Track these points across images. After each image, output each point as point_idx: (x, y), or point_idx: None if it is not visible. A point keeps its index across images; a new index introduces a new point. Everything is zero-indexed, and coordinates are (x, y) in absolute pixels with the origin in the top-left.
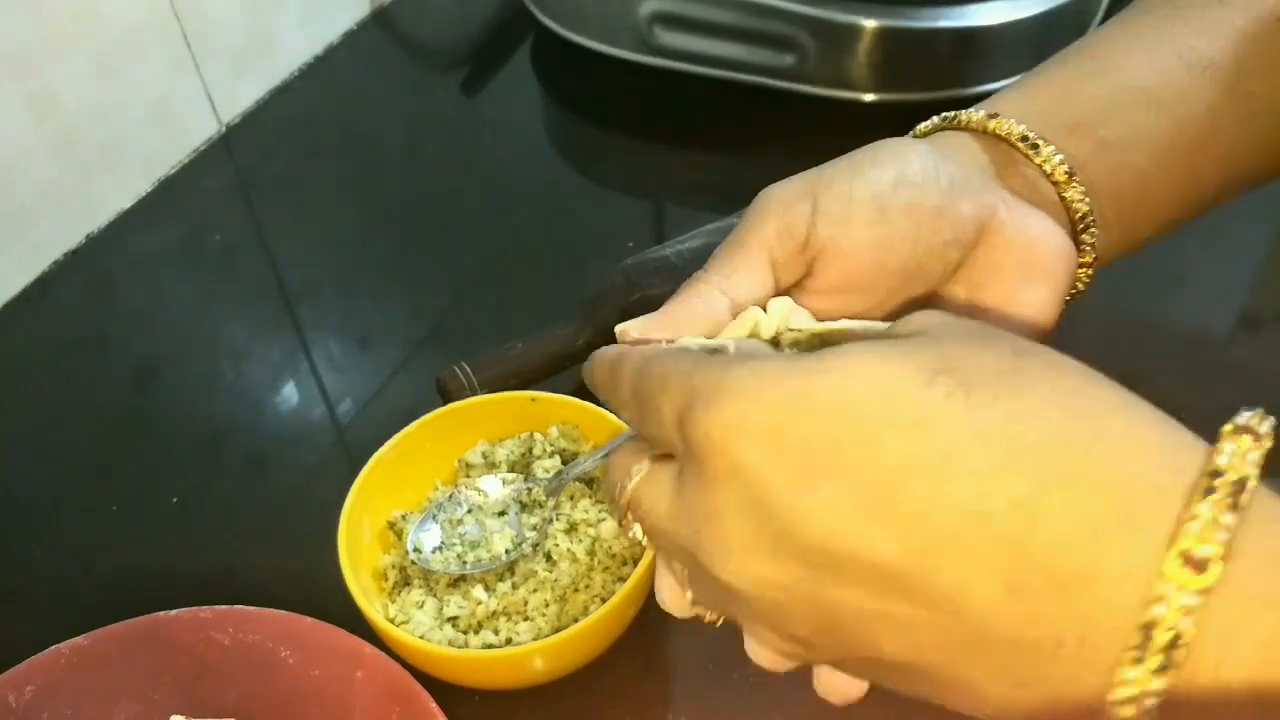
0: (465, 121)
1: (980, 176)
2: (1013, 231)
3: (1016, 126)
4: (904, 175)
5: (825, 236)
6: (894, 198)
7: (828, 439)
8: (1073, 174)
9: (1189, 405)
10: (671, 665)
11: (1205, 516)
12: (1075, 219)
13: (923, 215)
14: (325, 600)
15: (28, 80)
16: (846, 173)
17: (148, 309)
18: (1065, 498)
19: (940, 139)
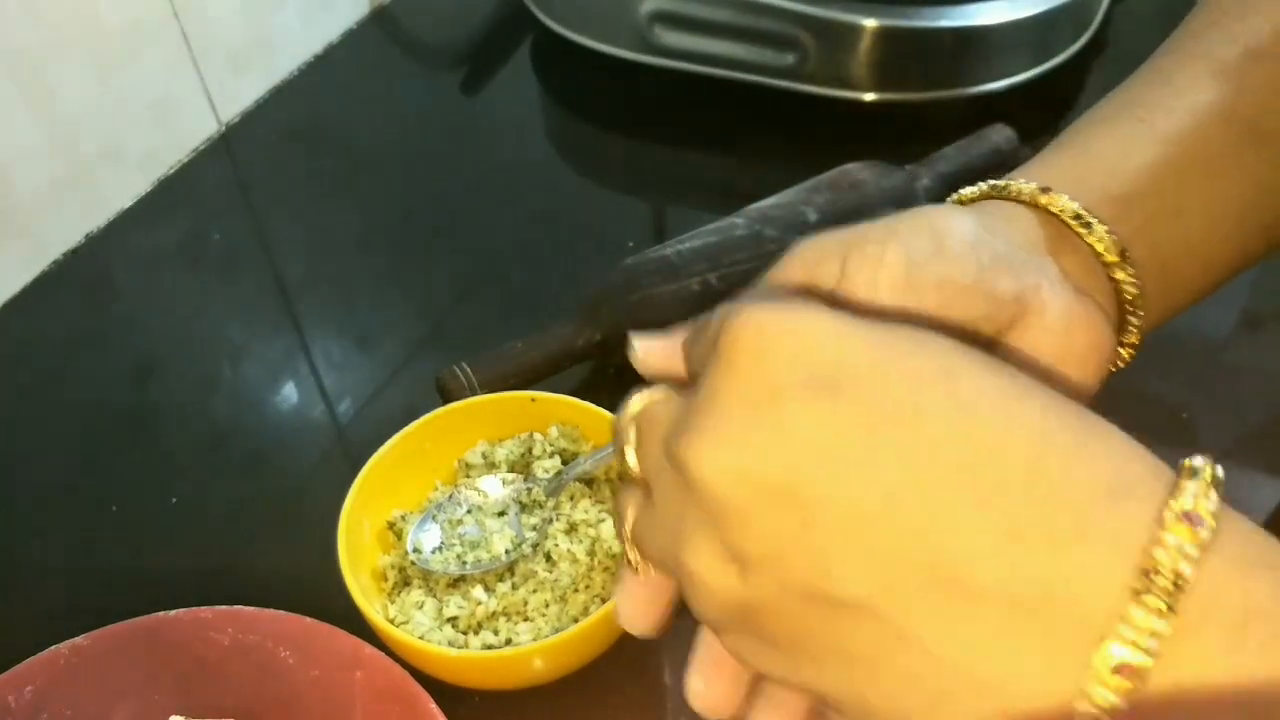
0: (465, 121)
1: (1029, 253)
2: (1053, 316)
3: (1070, 204)
4: (942, 247)
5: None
6: (926, 269)
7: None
8: (1125, 254)
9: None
10: (671, 665)
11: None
12: (1124, 301)
13: (954, 291)
14: (325, 600)
15: (27, 79)
16: (882, 235)
17: (147, 309)
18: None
19: (991, 209)
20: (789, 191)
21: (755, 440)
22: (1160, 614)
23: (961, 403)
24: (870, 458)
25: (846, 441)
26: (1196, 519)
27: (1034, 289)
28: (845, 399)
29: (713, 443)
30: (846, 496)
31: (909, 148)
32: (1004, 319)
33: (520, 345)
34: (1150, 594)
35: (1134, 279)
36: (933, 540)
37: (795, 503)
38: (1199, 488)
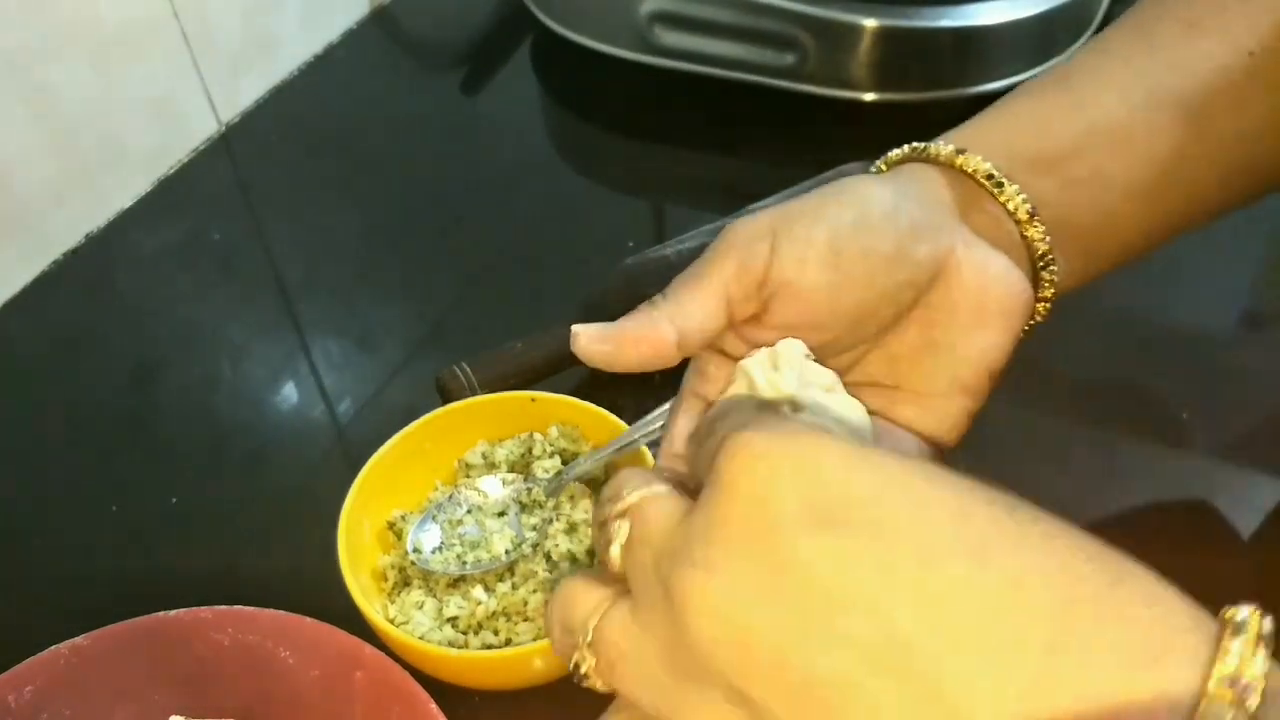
0: (465, 121)
1: (941, 215)
2: (969, 273)
3: (983, 164)
4: (863, 219)
5: (780, 278)
6: (851, 242)
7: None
8: (1035, 213)
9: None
10: None
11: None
12: (1035, 257)
13: (878, 260)
14: (325, 600)
15: (27, 79)
16: (809, 214)
17: (147, 308)
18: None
19: (907, 172)
20: (789, 191)
21: (764, 582)
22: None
23: (978, 546)
24: (880, 601)
25: (854, 582)
26: (1244, 687)
27: (948, 249)
28: (851, 535)
29: (710, 579)
30: (856, 641)
31: None
32: (923, 282)
33: (520, 345)
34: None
35: (1044, 236)
36: (948, 700)
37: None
38: (1244, 647)
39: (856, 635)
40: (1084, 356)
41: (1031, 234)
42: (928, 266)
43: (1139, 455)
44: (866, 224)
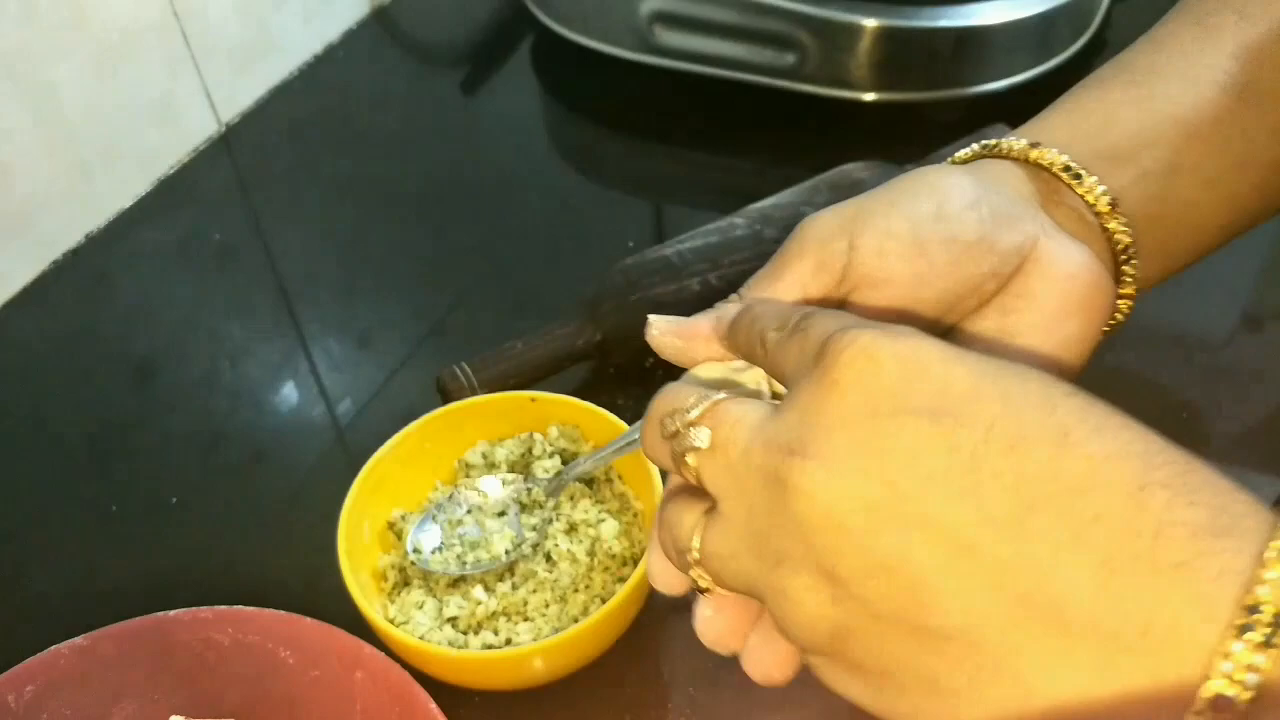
0: (465, 121)
1: (1024, 205)
2: (1051, 263)
3: (1059, 156)
4: (943, 209)
5: (861, 272)
6: (932, 232)
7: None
8: (1115, 205)
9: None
10: (671, 666)
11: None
12: (1117, 251)
13: (961, 249)
14: (325, 600)
15: (27, 80)
16: (884, 206)
17: (147, 308)
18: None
19: (983, 167)
20: (789, 191)
21: (864, 465)
22: (1260, 649)
23: (1062, 433)
24: (974, 485)
25: (951, 468)
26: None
27: (1032, 238)
28: (951, 426)
29: (824, 466)
30: (951, 524)
31: (909, 148)
32: (1007, 272)
33: (520, 345)
34: (1254, 630)
35: (1126, 228)
36: (1031, 571)
37: (901, 528)
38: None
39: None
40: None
41: (1113, 226)
42: (1013, 256)
43: None
44: (947, 213)
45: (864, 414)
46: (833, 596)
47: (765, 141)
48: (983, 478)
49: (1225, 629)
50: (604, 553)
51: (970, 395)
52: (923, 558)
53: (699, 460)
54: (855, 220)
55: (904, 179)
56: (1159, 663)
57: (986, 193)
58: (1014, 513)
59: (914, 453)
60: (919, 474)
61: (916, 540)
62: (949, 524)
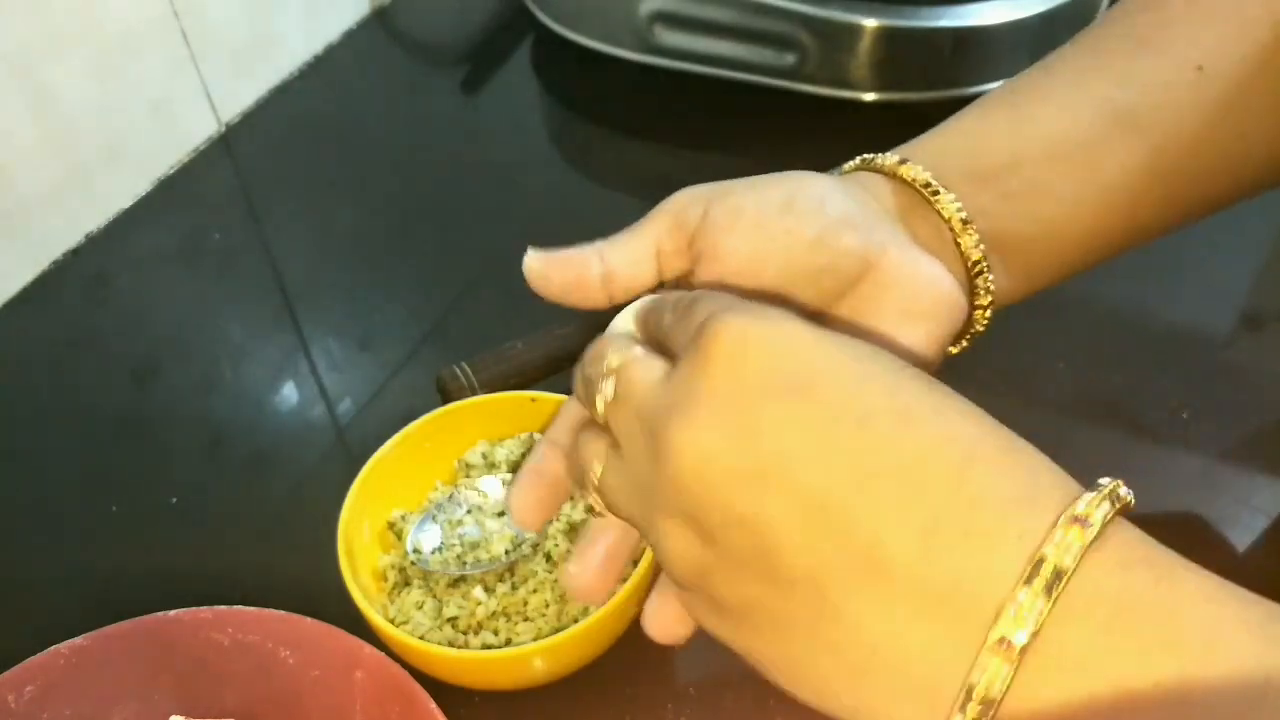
0: (465, 121)
1: (878, 216)
2: (898, 271)
3: (922, 173)
4: (792, 201)
5: (707, 240)
6: (776, 218)
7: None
8: (968, 222)
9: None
10: (671, 665)
11: (1090, 499)
12: (969, 265)
13: (798, 240)
14: (325, 600)
15: (27, 79)
16: (744, 188)
17: (147, 308)
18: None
19: (856, 178)
20: None
21: (732, 433)
22: (1042, 595)
23: (903, 410)
24: (825, 455)
25: (807, 440)
26: (1085, 522)
27: (879, 247)
28: (809, 403)
29: (695, 430)
30: (803, 486)
31: None
32: (848, 272)
33: (520, 345)
34: (1036, 579)
35: (976, 244)
36: (867, 530)
37: (759, 488)
38: (1095, 499)
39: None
40: (1083, 356)
41: (965, 241)
42: (851, 257)
43: (1138, 455)
44: (792, 206)
45: (731, 389)
46: (699, 540)
47: (765, 141)
48: (833, 449)
49: (1016, 581)
50: None
51: (827, 376)
52: (775, 514)
53: (604, 407)
54: (715, 194)
55: (777, 174)
56: (963, 610)
57: (842, 199)
58: (857, 479)
59: (774, 425)
60: (778, 444)
61: (771, 500)
62: (801, 486)
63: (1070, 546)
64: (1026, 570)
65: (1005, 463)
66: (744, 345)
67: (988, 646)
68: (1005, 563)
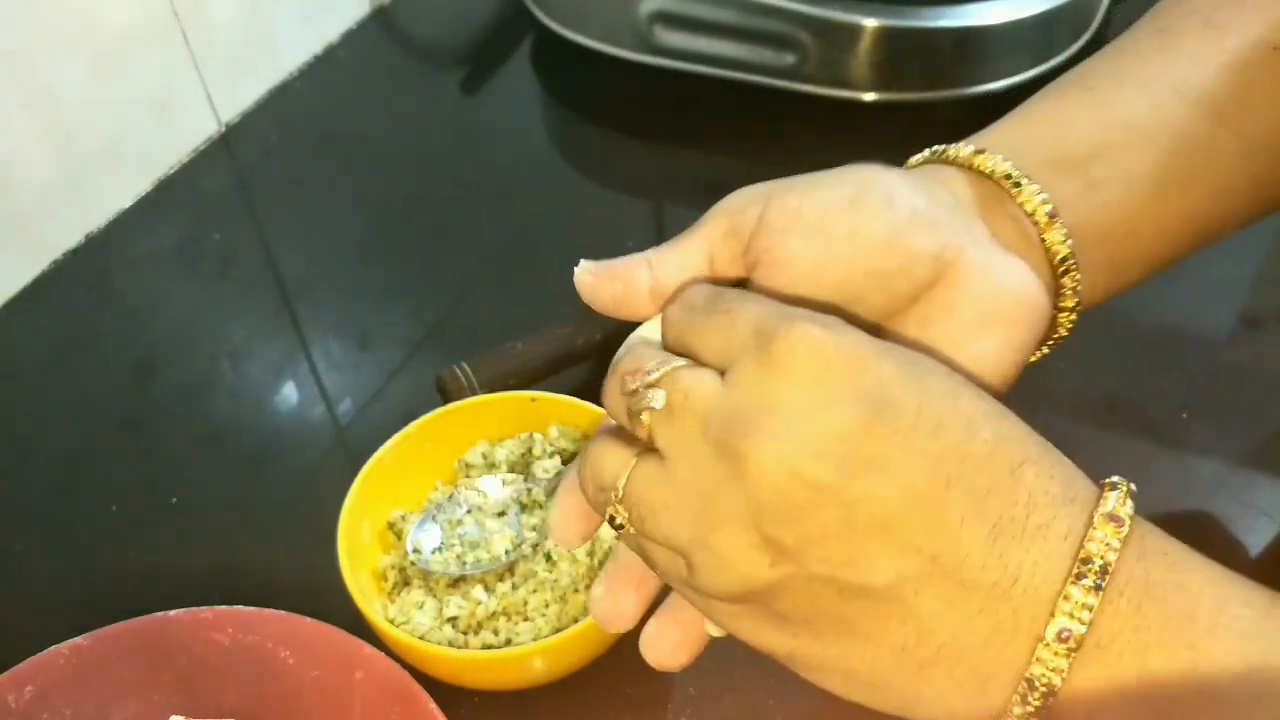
0: (465, 121)
1: (956, 214)
2: (976, 274)
3: (1002, 164)
4: (859, 199)
5: (764, 245)
6: (840, 219)
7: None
8: (1055, 215)
9: (1189, 405)
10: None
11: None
12: (1055, 262)
13: (867, 242)
14: (325, 600)
15: (27, 80)
16: (805, 186)
17: (147, 308)
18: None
19: (927, 172)
20: None
21: (816, 446)
22: (1092, 591)
23: (967, 419)
24: (907, 466)
25: (890, 451)
26: (1118, 519)
27: (957, 248)
28: (887, 414)
29: (778, 443)
30: (888, 498)
31: (909, 148)
32: (922, 276)
33: (520, 345)
34: (1086, 577)
35: (1064, 239)
36: (943, 537)
37: (840, 501)
38: (1121, 497)
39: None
40: (1083, 356)
41: (1050, 237)
42: (926, 259)
43: (1138, 455)
44: (860, 204)
45: (812, 399)
46: (773, 560)
47: (765, 141)
48: (911, 457)
49: (1066, 576)
50: (604, 553)
51: (898, 387)
52: (860, 528)
53: (652, 419)
54: (772, 193)
55: (838, 169)
56: (1020, 604)
57: (913, 194)
58: (934, 488)
59: (853, 436)
60: (859, 455)
61: (856, 513)
62: (886, 498)
63: (1110, 542)
64: (1075, 566)
65: (1048, 463)
66: (822, 357)
67: (1047, 641)
68: (1056, 559)
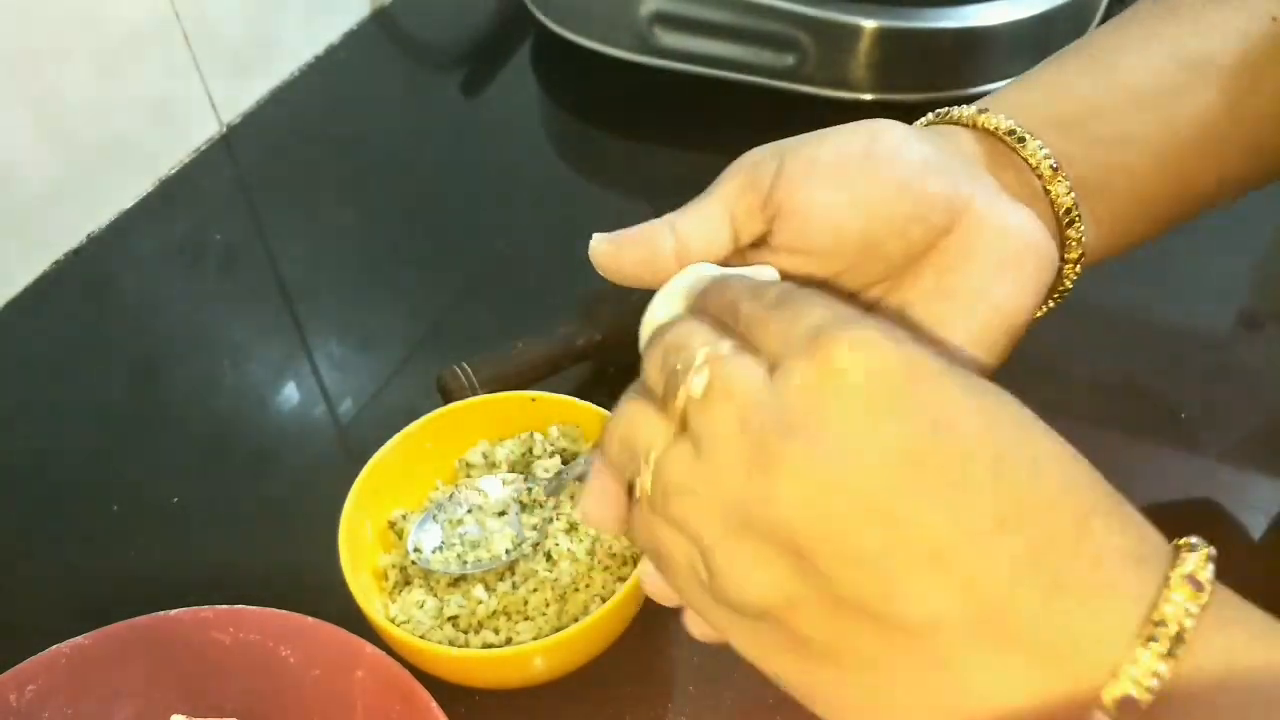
0: (465, 121)
1: (963, 164)
2: (987, 220)
3: (1005, 121)
4: (872, 148)
5: (784, 194)
6: (856, 166)
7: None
8: (1058, 169)
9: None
10: (671, 665)
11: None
12: (1060, 214)
13: (883, 187)
14: (326, 600)
15: (29, 80)
16: (818, 139)
17: (148, 309)
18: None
19: (935, 129)
20: None
21: (862, 465)
22: (1164, 658)
23: (1032, 457)
24: (959, 500)
25: (943, 481)
26: (1198, 583)
27: (967, 196)
28: (945, 440)
29: (818, 451)
30: (934, 531)
31: None
32: (936, 222)
33: (520, 345)
34: (1156, 641)
35: (1068, 191)
36: (994, 585)
37: (883, 523)
38: (1199, 559)
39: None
40: (1082, 356)
41: (1055, 189)
42: (940, 205)
43: (1138, 455)
44: (876, 152)
45: (864, 409)
46: (796, 571)
47: (765, 142)
48: (968, 489)
49: (1134, 640)
50: (604, 552)
51: (961, 412)
52: (901, 557)
53: (688, 403)
54: (788, 147)
55: (852, 123)
56: (1081, 669)
57: (922, 143)
58: (988, 528)
59: (908, 456)
60: (910, 477)
61: (897, 539)
62: (930, 528)
63: (1188, 608)
64: (1146, 630)
65: (1118, 516)
66: (881, 364)
67: (1107, 706)
68: (1123, 621)
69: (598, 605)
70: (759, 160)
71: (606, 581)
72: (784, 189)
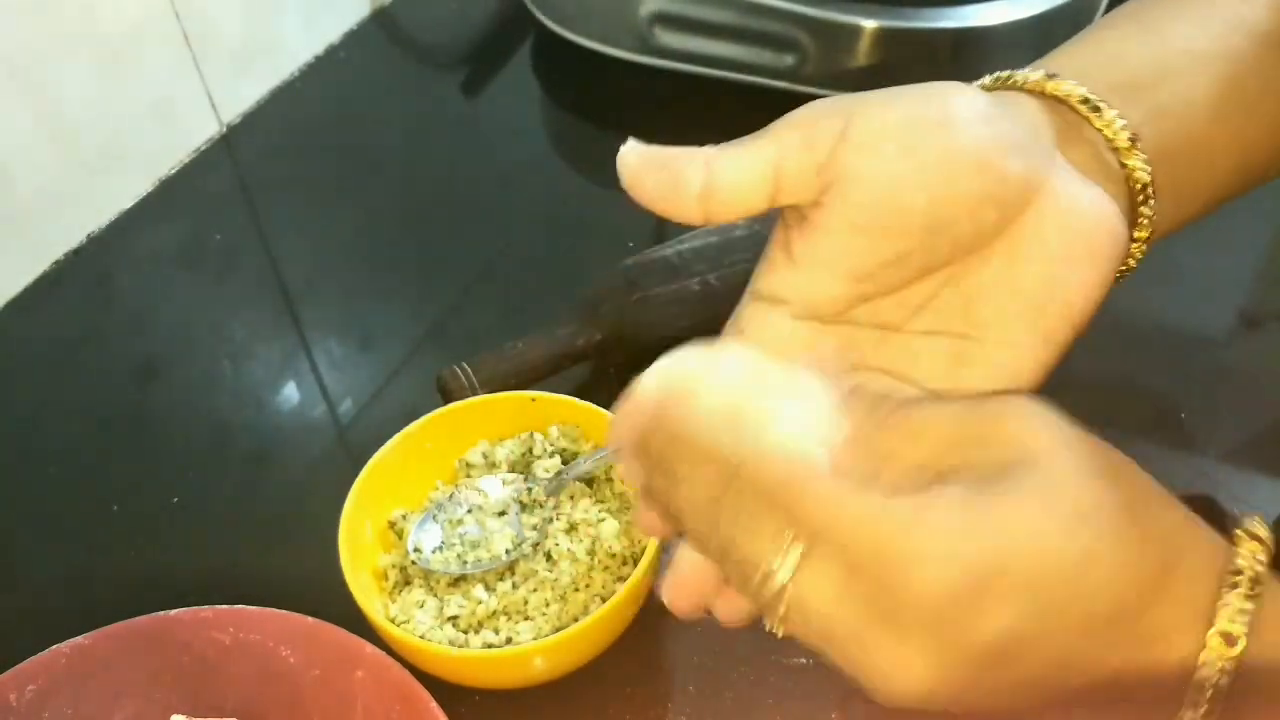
0: (465, 121)
1: (1038, 138)
2: (1063, 205)
3: (1077, 88)
4: (949, 117)
5: (848, 159)
6: (932, 136)
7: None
8: (1135, 140)
9: (1189, 405)
10: (671, 665)
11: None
12: (1135, 190)
13: (959, 162)
14: (326, 600)
15: (29, 80)
16: (888, 101)
17: (148, 309)
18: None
19: (999, 95)
20: None
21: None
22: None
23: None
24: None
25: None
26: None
27: (1042, 176)
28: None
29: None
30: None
31: None
32: (1010, 201)
33: (520, 345)
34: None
35: (1145, 164)
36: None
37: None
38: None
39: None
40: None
41: (1133, 163)
42: (1017, 185)
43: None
44: (952, 123)
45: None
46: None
47: None
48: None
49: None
50: (604, 552)
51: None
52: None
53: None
54: (854, 109)
55: (918, 85)
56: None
57: (1001, 115)
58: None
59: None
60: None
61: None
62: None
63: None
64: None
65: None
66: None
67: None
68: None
69: (598, 605)
70: (820, 114)
71: (606, 581)
72: (847, 156)
